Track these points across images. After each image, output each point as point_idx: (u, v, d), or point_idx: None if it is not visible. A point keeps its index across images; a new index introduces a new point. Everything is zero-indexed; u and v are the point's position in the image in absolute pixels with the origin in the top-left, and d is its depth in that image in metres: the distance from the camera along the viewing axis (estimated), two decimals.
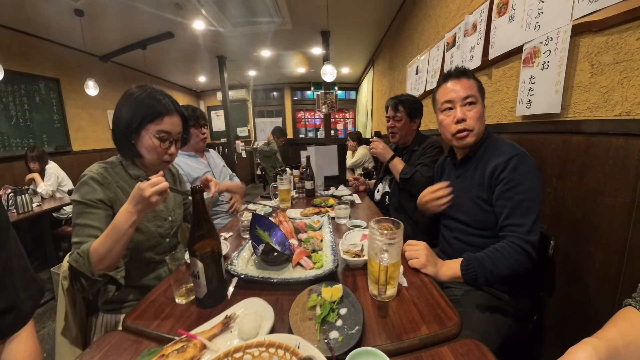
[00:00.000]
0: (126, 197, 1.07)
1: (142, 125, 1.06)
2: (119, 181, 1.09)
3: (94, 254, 0.90)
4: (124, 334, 0.75)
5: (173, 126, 1.11)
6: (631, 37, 0.97)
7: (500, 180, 1.06)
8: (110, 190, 1.05)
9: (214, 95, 8.96)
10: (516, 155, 1.05)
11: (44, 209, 2.93)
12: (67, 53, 4.88)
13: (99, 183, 1.03)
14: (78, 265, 0.89)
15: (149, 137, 1.07)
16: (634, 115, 0.97)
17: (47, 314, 2.49)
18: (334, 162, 2.47)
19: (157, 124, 1.07)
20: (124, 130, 1.06)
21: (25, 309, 0.66)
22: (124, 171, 1.12)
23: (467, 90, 1.16)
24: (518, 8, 1.50)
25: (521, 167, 1.04)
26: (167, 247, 1.21)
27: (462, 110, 1.16)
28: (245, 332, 0.68)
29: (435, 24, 2.77)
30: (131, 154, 1.12)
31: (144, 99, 1.06)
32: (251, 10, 4.14)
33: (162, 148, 1.10)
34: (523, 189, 1.02)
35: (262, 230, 1.14)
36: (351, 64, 7.42)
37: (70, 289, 1.07)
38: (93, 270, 0.90)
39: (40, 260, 3.30)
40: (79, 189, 1.01)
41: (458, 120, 1.17)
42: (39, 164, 3.37)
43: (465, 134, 1.18)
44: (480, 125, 1.17)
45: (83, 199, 0.99)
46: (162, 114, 1.07)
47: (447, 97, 1.20)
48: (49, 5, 3.61)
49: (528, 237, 0.98)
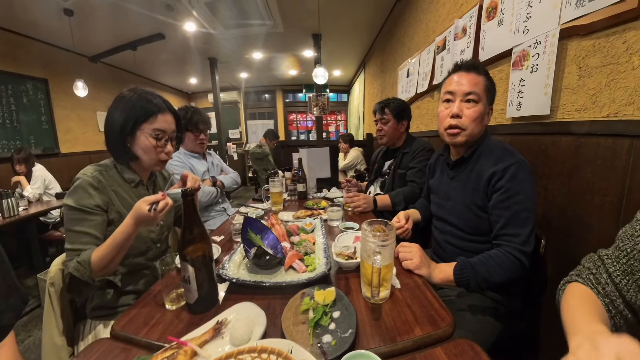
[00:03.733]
0: (121, 201, 1.07)
1: (136, 126, 1.06)
2: (114, 185, 1.08)
3: (96, 263, 0.92)
4: (112, 342, 0.73)
5: (167, 124, 1.11)
6: (617, 41, 0.99)
7: (498, 189, 1.04)
8: (105, 194, 1.03)
9: (205, 97, 8.91)
10: (515, 163, 1.03)
11: (30, 213, 2.85)
12: (56, 53, 4.80)
13: (94, 187, 1.01)
14: (79, 274, 0.92)
15: (145, 137, 1.07)
16: (621, 117, 0.99)
17: (33, 321, 2.42)
18: (326, 165, 2.47)
19: (151, 123, 1.07)
20: (118, 133, 1.05)
21: (4, 321, 0.61)
22: (119, 175, 1.11)
23: (471, 86, 1.10)
24: (507, 12, 1.52)
25: (519, 176, 1.02)
26: (157, 252, 1.20)
27: (460, 106, 1.11)
28: (237, 337, 0.67)
29: (425, 27, 2.80)
30: (127, 157, 1.11)
31: (135, 101, 1.06)
32: (243, 13, 4.14)
33: (159, 147, 1.10)
34: (520, 198, 1.00)
35: (253, 234, 1.13)
36: (343, 66, 7.46)
37: (59, 294, 1.05)
38: (94, 277, 0.93)
39: (26, 266, 3.21)
40: (73, 193, 0.99)
41: (453, 115, 1.12)
42: (25, 167, 3.29)
43: (456, 132, 1.13)
44: (476, 126, 1.11)
45: (78, 205, 0.97)
46: (155, 113, 1.08)
47: (449, 87, 1.14)
48: (38, 4, 3.55)
49: (523, 247, 0.98)
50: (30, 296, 2.65)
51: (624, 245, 0.63)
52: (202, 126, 2.05)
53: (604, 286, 0.64)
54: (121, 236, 0.92)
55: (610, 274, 0.64)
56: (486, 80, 1.12)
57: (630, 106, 0.96)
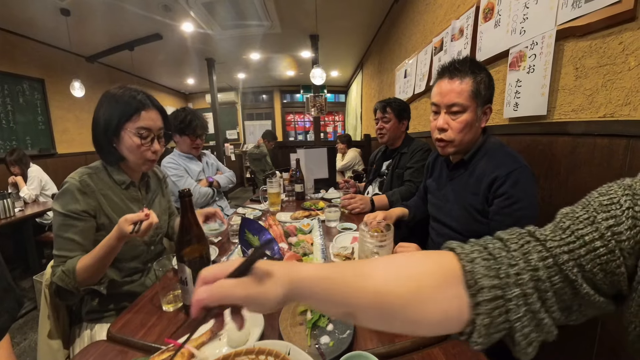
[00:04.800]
0: (109, 204, 1.05)
1: (120, 126, 1.02)
2: (103, 188, 1.05)
3: (81, 273, 0.92)
4: (109, 344, 0.73)
5: (152, 121, 1.06)
6: (613, 42, 1.00)
7: (500, 195, 1.02)
8: (93, 199, 1.01)
9: (202, 98, 8.89)
10: (517, 168, 1.01)
11: (26, 214, 2.84)
12: (53, 53, 4.77)
13: (81, 192, 0.98)
14: (64, 284, 0.92)
15: (129, 136, 1.03)
16: (618, 117, 0.99)
17: (28, 324, 2.40)
18: (324, 165, 2.46)
19: (134, 122, 1.03)
20: (103, 133, 1.03)
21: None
22: (108, 177, 1.08)
23: (454, 96, 1.05)
24: (503, 14, 1.52)
25: (522, 182, 1.00)
26: (152, 255, 1.18)
27: (446, 118, 1.08)
28: (235, 339, 0.67)
29: (423, 28, 2.81)
30: (115, 157, 1.08)
31: (119, 98, 1.03)
32: (240, 14, 4.13)
33: (144, 146, 1.06)
34: (523, 205, 0.99)
35: (251, 235, 1.12)
36: (340, 67, 7.46)
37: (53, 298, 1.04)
38: (79, 287, 0.93)
39: (22, 268, 3.20)
40: (60, 198, 0.98)
41: (439, 128, 1.10)
42: (19, 168, 3.26)
43: (444, 144, 1.12)
44: (464, 135, 1.08)
45: (65, 211, 0.96)
46: (139, 109, 1.03)
47: (434, 99, 1.12)
48: (35, 4, 3.53)
49: None
50: (26, 298, 2.64)
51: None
52: (200, 131, 2.03)
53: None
54: (105, 250, 0.90)
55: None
56: (473, 82, 1.04)
57: (627, 106, 0.96)
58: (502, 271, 0.39)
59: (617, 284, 0.37)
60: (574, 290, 0.38)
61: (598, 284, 0.38)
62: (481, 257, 0.41)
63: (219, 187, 2.17)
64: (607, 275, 0.37)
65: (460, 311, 0.39)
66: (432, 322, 0.41)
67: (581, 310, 0.39)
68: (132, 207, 1.10)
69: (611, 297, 0.39)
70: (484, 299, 0.38)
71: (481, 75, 1.05)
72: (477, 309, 0.38)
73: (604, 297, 0.38)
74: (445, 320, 0.40)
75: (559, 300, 0.38)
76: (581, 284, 0.37)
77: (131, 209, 1.09)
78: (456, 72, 1.05)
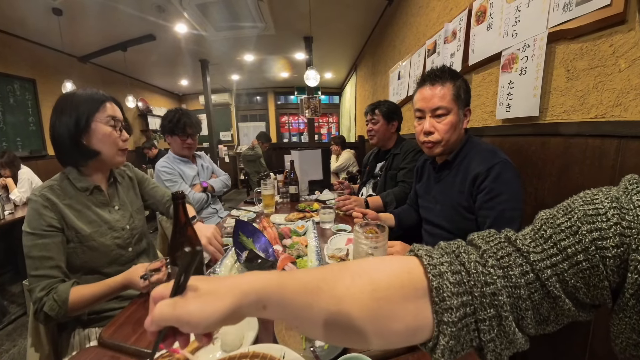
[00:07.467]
0: (74, 214, 1.02)
1: (90, 119, 1.03)
2: (65, 199, 1.02)
3: (74, 304, 0.91)
4: (100, 350, 0.72)
5: (116, 112, 1.10)
6: (604, 44, 1.01)
7: (482, 189, 1.07)
8: (56, 212, 0.99)
9: (196, 99, 8.83)
10: (497, 163, 1.05)
11: (16, 217, 2.79)
12: (44, 53, 4.70)
13: (44, 207, 0.97)
14: (54, 313, 0.90)
15: (101, 127, 1.04)
16: (609, 118, 1.00)
17: (18, 330, 2.36)
18: (318, 167, 2.46)
19: (103, 112, 1.05)
20: (73, 134, 1.00)
21: None
22: (71, 186, 1.06)
23: (438, 100, 1.12)
24: (496, 17, 1.54)
25: (503, 176, 1.04)
26: (131, 256, 1.15)
27: (431, 122, 1.15)
28: (229, 343, 0.66)
29: (416, 31, 2.82)
30: (84, 157, 1.05)
31: (80, 96, 1.04)
32: (234, 15, 4.12)
33: (117, 133, 1.09)
34: (505, 198, 1.02)
35: (245, 237, 1.12)
36: (334, 69, 7.48)
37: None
38: (67, 315, 0.92)
39: (12, 272, 3.13)
40: (27, 217, 0.97)
41: (425, 132, 1.16)
42: (9, 170, 3.20)
43: (431, 146, 1.18)
44: (451, 135, 1.15)
45: (31, 230, 0.95)
46: (104, 101, 1.07)
47: (418, 105, 1.19)
48: (26, 3, 3.48)
49: None
50: (15, 304, 2.59)
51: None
52: (190, 130, 2.00)
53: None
54: (107, 289, 0.94)
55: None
56: (453, 87, 1.12)
57: (618, 107, 0.97)
58: (476, 290, 0.36)
59: (599, 297, 0.36)
60: (554, 304, 0.37)
61: (580, 298, 0.37)
62: (451, 271, 0.37)
63: (214, 192, 2.15)
64: (590, 289, 0.36)
65: (424, 325, 0.37)
66: (397, 335, 0.38)
67: (557, 321, 0.38)
68: (100, 212, 1.09)
69: (589, 307, 0.38)
70: (451, 320, 0.35)
71: (459, 81, 1.14)
72: (442, 328, 0.36)
73: (582, 310, 0.38)
74: (408, 333, 0.37)
75: (536, 314, 0.37)
76: (564, 300, 0.36)
77: (99, 214, 1.08)
78: (437, 79, 1.14)
